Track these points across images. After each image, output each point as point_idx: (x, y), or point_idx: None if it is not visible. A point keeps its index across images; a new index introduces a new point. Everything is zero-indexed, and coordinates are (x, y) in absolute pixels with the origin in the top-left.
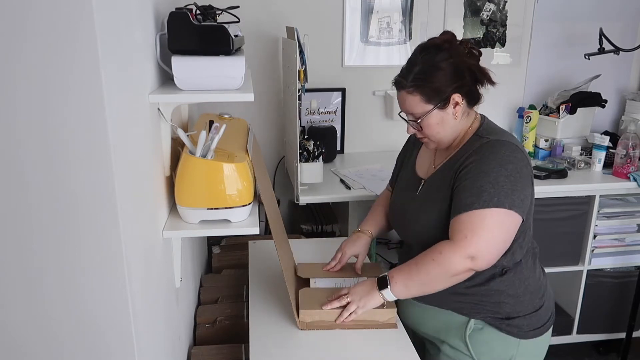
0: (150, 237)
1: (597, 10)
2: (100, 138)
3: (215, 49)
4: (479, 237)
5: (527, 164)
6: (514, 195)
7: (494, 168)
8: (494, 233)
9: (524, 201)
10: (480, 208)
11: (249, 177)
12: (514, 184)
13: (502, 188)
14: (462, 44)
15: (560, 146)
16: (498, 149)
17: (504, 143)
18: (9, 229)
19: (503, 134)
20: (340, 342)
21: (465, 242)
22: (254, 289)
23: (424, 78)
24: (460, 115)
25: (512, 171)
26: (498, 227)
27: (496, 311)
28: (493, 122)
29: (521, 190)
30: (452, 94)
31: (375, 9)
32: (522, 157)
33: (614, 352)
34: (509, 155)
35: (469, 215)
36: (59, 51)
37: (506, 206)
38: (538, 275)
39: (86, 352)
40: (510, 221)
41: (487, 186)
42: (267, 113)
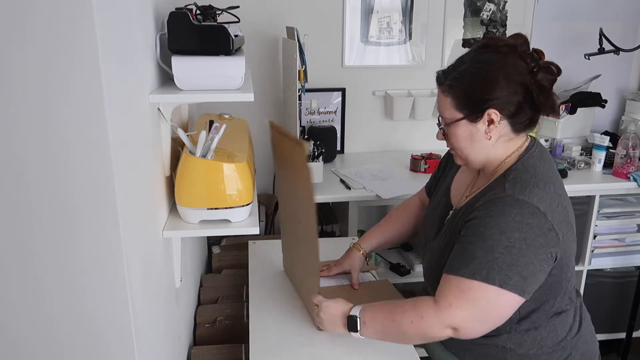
0: (150, 237)
1: (597, 10)
2: (100, 138)
3: (215, 49)
4: (463, 310)
5: (545, 232)
6: (512, 272)
7: (493, 234)
8: (480, 309)
9: (528, 279)
10: (465, 277)
11: (249, 177)
12: (516, 257)
13: (496, 261)
14: (531, 55)
15: (560, 146)
16: (507, 211)
17: (520, 202)
18: (8, 229)
19: (531, 184)
20: (341, 342)
21: (449, 312)
22: (254, 289)
23: (462, 80)
24: (495, 136)
25: (516, 241)
26: (485, 304)
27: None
28: (540, 156)
29: (525, 265)
30: (488, 108)
31: (375, 9)
32: (538, 224)
33: (614, 352)
34: (519, 220)
35: (457, 281)
36: (59, 51)
37: (496, 283)
38: (562, 335)
39: (86, 352)
40: (502, 300)
41: (479, 253)
42: (267, 113)
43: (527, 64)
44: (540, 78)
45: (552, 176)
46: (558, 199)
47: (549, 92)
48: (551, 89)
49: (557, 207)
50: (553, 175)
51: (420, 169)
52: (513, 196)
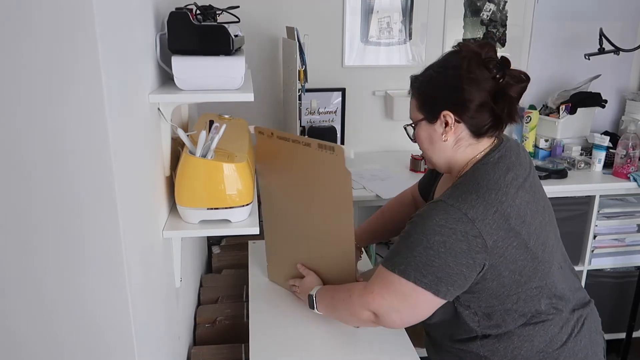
0: (150, 237)
1: (597, 10)
2: (100, 138)
3: (215, 49)
4: (382, 298)
5: (469, 238)
6: (426, 271)
7: (415, 233)
8: (397, 300)
9: (442, 279)
10: (388, 269)
11: (249, 177)
12: (432, 258)
13: (414, 258)
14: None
15: (560, 146)
16: (434, 214)
17: (448, 208)
18: (9, 229)
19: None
20: (341, 342)
21: (371, 297)
22: (254, 289)
23: (422, 82)
24: (452, 139)
25: (434, 244)
26: (401, 297)
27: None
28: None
29: (439, 267)
30: (442, 110)
31: (375, 9)
32: (462, 230)
33: (614, 352)
34: (443, 225)
35: (382, 271)
36: (59, 51)
37: (411, 279)
38: (541, 346)
39: (86, 352)
40: (419, 297)
41: (402, 249)
42: (267, 113)
43: (489, 71)
44: (505, 85)
45: (502, 183)
46: (498, 206)
47: (512, 100)
48: (516, 98)
49: (494, 215)
50: (504, 181)
51: (420, 169)
52: (444, 201)
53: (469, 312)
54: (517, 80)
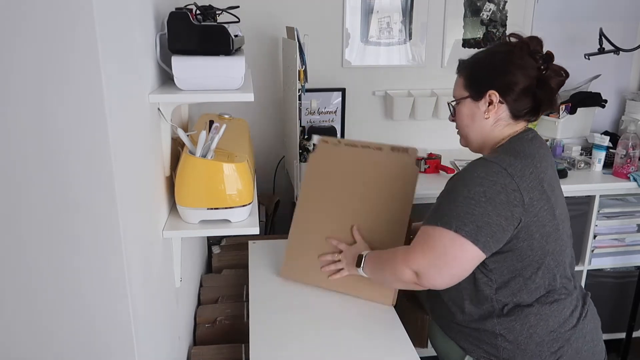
0: (150, 237)
1: (597, 10)
2: (100, 138)
3: (215, 49)
4: (423, 254)
5: (508, 191)
6: (467, 219)
7: (458, 186)
8: (440, 255)
9: (483, 228)
10: (430, 224)
11: (249, 177)
12: (473, 207)
13: (455, 208)
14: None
15: (560, 146)
16: (476, 169)
17: (489, 163)
18: (8, 229)
19: (509, 153)
20: (341, 342)
21: (413, 255)
22: (254, 289)
23: (472, 63)
24: (493, 118)
25: (476, 194)
26: (442, 249)
27: (493, 354)
28: (529, 140)
29: (480, 216)
30: (489, 90)
31: (375, 9)
32: (502, 182)
33: (614, 352)
34: (484, 177)
35: (424, 229)
36: (59, 51)
37: (452, 228)
38: (555, 324)
39: (86, 352)
40: (460, 248)
41: (444, 203)
42: (267, 113)
43: (535, 61)
44: (547, 76)
45: (536, 154)
46: (533, 169)
47: (552, 91)
48: (555, 89)
49: (530, 175)
50: (538, 154)
51: (420, 169)
52: (484, 158)
53: (487, 280)
54: (558, 74)
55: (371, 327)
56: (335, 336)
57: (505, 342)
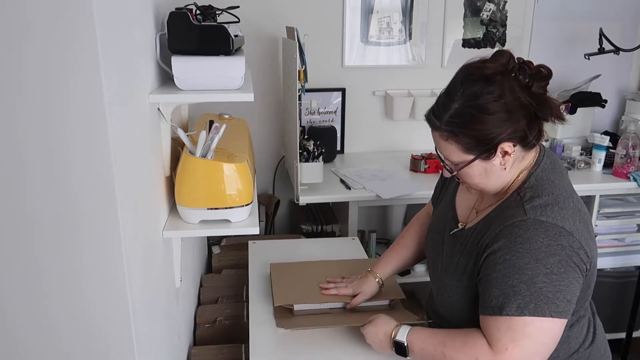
0: (150, 237)
1: (597, 10)
2: (100, 138)
3: (215, 49)
4: (520, 349)
5: (576, 250)
6: (558, 299)
7: (528, 263)
8: (536, 343)
9: (572, 301)
10: (515, 315)
11: (249, 177)
12: (558, 283)
13: (540, 291)
14: (521, 70)
15: (560, 146)
16: (534, 235)
17: (544, 225)
18: (9, 230)
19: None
20: (341, 342)
21: (506, 355)
22: (254, 289)
23: (462, 123)
24: (510, 164)
25: (553, 266)
26: (540, 338)
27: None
28: (550, 169)
29: (567, 288)
30: (500, 143)
31: (375, 9)
32: (568, 244)
33: (614, 352)
34: (550, 244)
35: (506, 321)
36: (59, 51)
37: (547, 314)
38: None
39: (86, 352)
40: (556, 328)
41: (521, 287)
42: (267, 113)
43: (519, 81)
44: (535, 90)
45: (568, 188)
46: (579, 215)
47: (546, 101)
48: (547, 96)
49: (580, 223)
50: (568, 186)
51: (420, 169)
52: (536, 219)
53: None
54: (542, 77)
55: None
56: (335, 336)
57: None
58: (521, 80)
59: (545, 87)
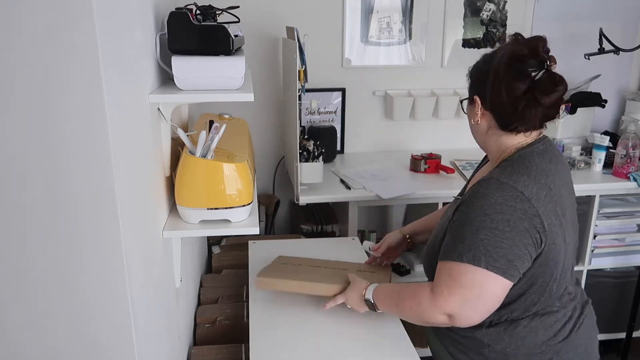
0: (150, 237)
1: (597, 10)
2: (100, 138)
3: (215, 49)
4: (454, 295)
5: (529, 216)
6: (497, 254)
7: (477, 216)
8: (471, 293)
9: (514, 262)
10: (454, 260)
11: (249, 177)
12: (500, 240)
13: (481, 242)
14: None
15: (560, 146)
16: (491, 193)
17: (503, 185)
18: (8, 229)
19: (519, 171)
20: (341, 342)
21: (442, 299)
22: (254, 289)
23: (476, 67)
24: (484, 123)
25: (499, 223)
26: (476, 287)
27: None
28: (540, 152)
29: (509, 248)
30: (475, 94)
31: (375, 9)
32: (521, 208)
33: (614, 352)
34: (502, 202)
35: (447, 266)
36: (59, 51)
37: (482, 265)
38: (544, 338)
39: (86, 352)
40: (493, 284)
41: (467, 236)
42: (267, 113)
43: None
44: (537, 88)
45: (548, 171)
46: (548, 191)
47: (536, 107)
48: (541, 104)
49: (546, 197)
50: (550, 170)
51: (420, 169)
52: (497, 179)
53: None
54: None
55: (371, 327)
56: (335, 336)
57: (493, 352)
58: (525, 71)
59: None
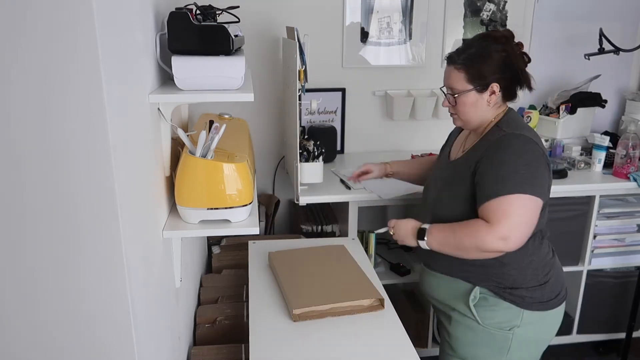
0: (150, 237)
1: (597, 10)
2: (100, 138)
3: (215, 49)
4: (510, 220)
5: (542, 154)
6: (534, 181)
7: (512, 159)
8: (521, 216)
9: (543, 186)
10: (506, 194)
11: (249, 177)
12: (534, 171)
13: (522, 176)
14: (517, 45)
15: (560, 146)
16: (514, 142)
17: (518, 136)
18: (9, 229)
19: (519, 127)
20: (341, 342)
21: (499, 225)
22: (254, 289)
23: (474, 60)
24: (493, 104)
25: (528, 160)
26: (524, 211)
27: (500, 281)
28: (516, 115)
29: (540, 176)
30: (492, 82)
31: (375, 9)
32: (536, 148)
33: (614, 352)
34: (523, 146)
35: (498, 202)
36: (59, 51)
37: (528, 192)
38: (544, 254)
39: (86, 352)
40: (533, 205)
41: (510, 175)
42: (267, 113)
43: (515, 49)
44: (523, 63)
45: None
46: (538, 140)
47: (527, 73)
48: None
49: (540, 143)
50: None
51: None
52: (513, 133)
53: None
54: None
55: (371, 327)
56: (335, 336)
57: (512, 269)
58: (517, 50)
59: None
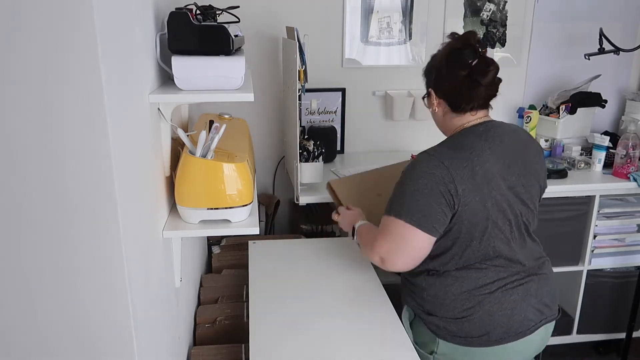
0: (150, 237)
1: (597, 10)
2: (100, 138)
3: (215, 49)
4: (383, 242)
5: (446, 182)
6: (415, 210)
7: (406, 179)
8: (397, 243)
9: (429, 217)
10: (388, 215)
11: (249, 177)
12: (418, 199)
13: (404, 200)
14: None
15: (560, 146)
16: (419, 163)
17: (430, 157)
18: (8, 229)
19: (446, 147)
20: (341, 342)
21: (377, 244)
22: (254, 289)
23: (426, 65)
24: (440, 110)
25: (420, 186)
26: (400, 238)
27: (420, 305)
28: (477, 133)
29: (426, 206)
30: (429, 87)
31: (375, 9)
32: (440, 174)
33: (614, 352)
34: (425, 171)
35: (383, 220)
36: (59, 51)
37: (402, 218)
38: (470, 288)
39: (86, 352)
40: (411, 235)
41: (397, 195)
42: (267, 113)
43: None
44: (477, 73)
45: (476, 146)
46: (469, 162)
47: (478, 87)
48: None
49: (465, 168)
50: (479, 146)
51: None
52: (427, 152)
53: None
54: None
55: (371, 327)
56: (335, 336)
57: (429, 295)
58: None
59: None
